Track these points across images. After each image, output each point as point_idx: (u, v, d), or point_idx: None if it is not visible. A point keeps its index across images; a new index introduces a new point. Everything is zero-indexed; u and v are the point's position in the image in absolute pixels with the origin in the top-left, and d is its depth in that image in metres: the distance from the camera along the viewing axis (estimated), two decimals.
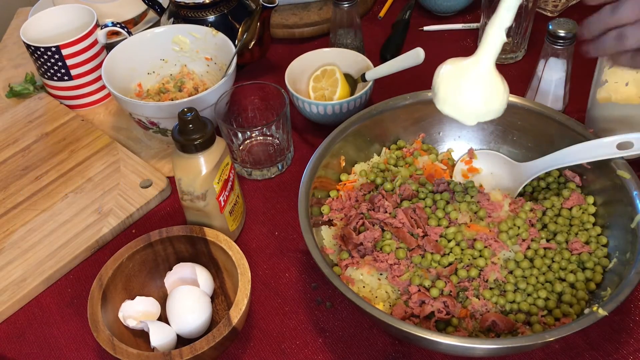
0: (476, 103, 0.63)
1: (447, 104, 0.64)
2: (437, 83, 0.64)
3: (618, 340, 0.69)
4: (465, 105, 0.63)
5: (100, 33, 1.00)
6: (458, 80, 0.63)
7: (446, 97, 0.64)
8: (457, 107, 0.64)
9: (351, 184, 0.81)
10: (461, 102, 0.63)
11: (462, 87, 0.63)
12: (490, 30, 0.61)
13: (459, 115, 0.64)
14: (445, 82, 0.63)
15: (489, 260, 0.70)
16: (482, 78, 0.62)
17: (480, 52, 0.62)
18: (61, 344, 0.74)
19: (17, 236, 0.83)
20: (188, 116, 0.69)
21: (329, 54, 0.98)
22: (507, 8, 0.60)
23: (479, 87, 0.62)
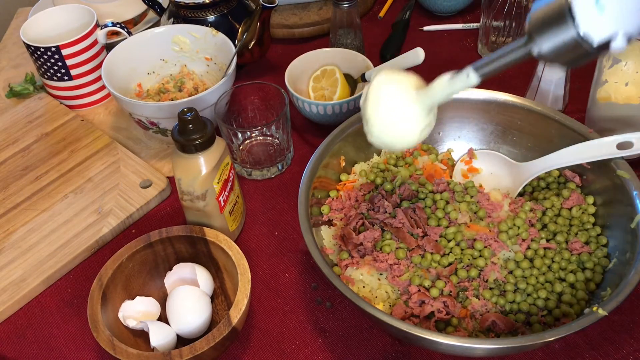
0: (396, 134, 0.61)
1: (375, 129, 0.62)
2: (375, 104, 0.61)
3: (618, 340, 0.69)
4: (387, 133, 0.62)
5: (100, 33, 1.00)
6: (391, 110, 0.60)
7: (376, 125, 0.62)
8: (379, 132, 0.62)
9: (351, 184, 0.81)
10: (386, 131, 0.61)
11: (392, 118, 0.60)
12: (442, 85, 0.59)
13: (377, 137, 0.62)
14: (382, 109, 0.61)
15: (489, 260, 0.70)
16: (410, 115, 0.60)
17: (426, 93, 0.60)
18: (61, 344, 0.74)
19: (17, 236, 0.83)
20: (188, 116, 0.69)
21: (329, 54, 0.98)
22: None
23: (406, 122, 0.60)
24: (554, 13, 0.46)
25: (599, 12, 0.44)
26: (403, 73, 0.62)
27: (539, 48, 0.48)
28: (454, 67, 1.08)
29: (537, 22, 0.47)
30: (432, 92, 0.58)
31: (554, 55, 0.47)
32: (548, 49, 0.47)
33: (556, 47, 0.47)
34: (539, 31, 0.47)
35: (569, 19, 0.45)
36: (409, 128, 0.60)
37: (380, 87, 0.60)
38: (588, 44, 0.45)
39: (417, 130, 0.60)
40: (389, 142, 0.62)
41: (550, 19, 0.46)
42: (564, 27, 0.45)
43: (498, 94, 0.81)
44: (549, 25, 0.46)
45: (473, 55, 1.07)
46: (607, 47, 0.45)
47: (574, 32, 0.45)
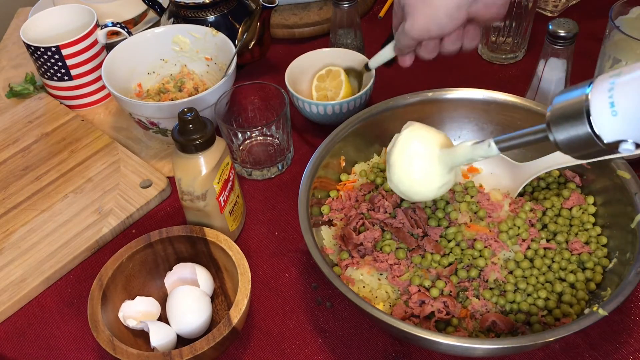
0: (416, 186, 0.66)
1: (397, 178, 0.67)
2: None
3: (618, 340, 0.69)
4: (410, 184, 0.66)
5: (100, 33, 1.00)
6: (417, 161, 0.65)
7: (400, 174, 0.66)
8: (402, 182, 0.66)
9: (351, 184, 0.81)
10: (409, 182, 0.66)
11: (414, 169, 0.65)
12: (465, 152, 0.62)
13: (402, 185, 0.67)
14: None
15: (489, 261, 0.70)
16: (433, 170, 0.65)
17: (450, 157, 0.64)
18: (61, 344, 0.74)
19: (17, 236, 0.83)
20: (188, 116, 0.69)
21: (329, 54, 0.98)
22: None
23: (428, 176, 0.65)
24: (573, 110, 0.50)
25: (612, 115, 0.47)
26: (433, 130, 0.66)
27: (555, 137, 0.52)
28: (454, 67, 1.08)
29: (557, 115, 0.51)
30: (455, 154, 0.62)
31: (567, 146, 0.51)
32: (563, 140, 0.51)
33: (570, 140, 0.51)
34: (557, 123, 0.51)
35: (585, 117, 0.48)
36: (427, 184, 0.65)
37: (409, 141, 0.65)
38: (600, 141, 0.49)
39: (435, 187, 0.65)
40: (406, 192, 0.66)
41: (569, 115, 0.50)
42: (580, 124, 0.49)
43: (498, 94, 0.81)
44: (567, 119, 0.50)
45: (473, 55, 1.07)
46: (617, 147, 0.49)
47: (588, 129, 0.49)
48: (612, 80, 0.47)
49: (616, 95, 0.47)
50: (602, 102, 0.47)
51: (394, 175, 0.66)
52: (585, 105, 0.48)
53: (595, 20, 1.06)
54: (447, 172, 0.64)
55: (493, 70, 1.04)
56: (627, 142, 0.48)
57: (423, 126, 0.67)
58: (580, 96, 0.49)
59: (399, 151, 0.65)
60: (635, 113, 0.46)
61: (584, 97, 0.49)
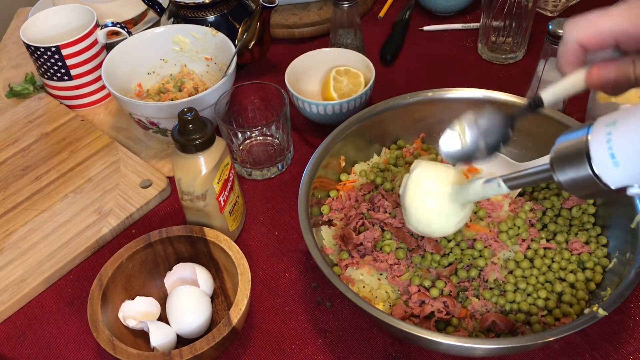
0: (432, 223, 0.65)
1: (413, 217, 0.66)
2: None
3: (618, 340, 0.69)
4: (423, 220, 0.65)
5: (100, 33, 1.00)
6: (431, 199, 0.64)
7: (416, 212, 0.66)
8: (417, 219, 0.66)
9: (351, 184, 0.81)
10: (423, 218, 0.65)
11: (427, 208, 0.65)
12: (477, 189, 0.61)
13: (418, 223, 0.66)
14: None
15: (489, 260, 0.70)
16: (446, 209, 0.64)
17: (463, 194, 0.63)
18: (61, 344, 0.74)
19: (17, 236, 0.83)
20: (188, 116, 0.69)
21: (329, 54, 0.98)
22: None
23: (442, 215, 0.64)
24: (573, 153, 0.49)
25: (614, 166, 0.47)
26: (442, 166, 0.66)
27: (558, 178, 0.51)
28: (454, 67, 1.08)
29: (559, 156, 0.51)
30: (467, 192, 0.62)
31: (573, 187, 0.50)
32: (566, 181, 0.50)
33: (574, 182, 0.50)
34: (559, 165, 0.51)
35: (586, 161, 0.48)
36: (444, 222, 0.64)
37: (420, 182, 0.65)
38: (605, 185, 0.48)
39: (452, 224, 0.64)
40: (425, 231, 0.66)
41: (569, 157, 0.50)
42: (582, 167, 0.48)
43: (498, 93, 0.81)
44: (568, 162, 0.50)
45: (473, 55, 1.07)
46: (624, 190, 0.48)
47: (590, 173, 0.48)
48: (608, 130, 0.47)
49: (615, 146, 0.46)
50: (602, 153, 0.47)
51: (412, 217, 0.65)
52: (586, 150, 0.48)
53: None
54: (461, 208, 0.63)
55: (493, 70, 1.04)
56: (634, 187, 0.48)
57: (432, 164, 0.66)
58: (580, 140, 0.49)
59: (412, 193, 0.65)
60: (637, 162, 0.46)
61: (583, 141, 0.48)
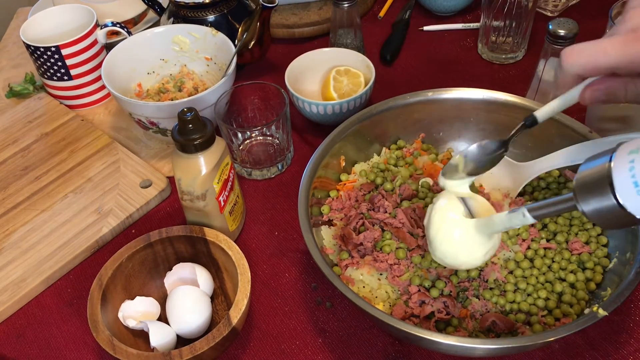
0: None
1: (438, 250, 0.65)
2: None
3: (618, 340, 0.69)
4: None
5: (100, 33, 1.00)
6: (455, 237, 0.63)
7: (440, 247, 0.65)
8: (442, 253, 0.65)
9: (351, 184, 0.81)
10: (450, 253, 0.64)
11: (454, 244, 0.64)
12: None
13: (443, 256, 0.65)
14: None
15: (489, 261, 0.70)
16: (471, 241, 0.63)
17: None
18: (61, 344, 0.74)
19: (17, 236, 0.83)
20: (188, 116, 0.69)
21: (329, 54, 0.98)
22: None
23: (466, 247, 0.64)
24: (595, 182, 0.47)
25: (638, 194, 0.44)
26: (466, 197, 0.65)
27: (582, 209, 0.49)
28: (454, 67, 1.08)
29: (581, 185, 0.49)
30: (492, 223, 0.61)
31: (597, 217, 0.48)
32: (590, 211, 0.48)
33: (599, 212, 0.48)
34: (582, 194, 0.48)
35: (609, 191, 0.46)
36: (471, 254, 0.63)
37: (445, 214, 0.63)
38: (630, 214, 0.46)
39: (479, 255, 0.63)
40: (453, 264, 0.65)
41: (592, 187, 0.47)
42: (605, 197, 0.46)
43: (498, 93, 0.81)
44: (591, 191, 0.47)
45: (473, 55, 1.07)
46: None
47: (614, 202, 0.46)
48: (631, 158, 0.45)
49: (639, 174, 0.44)
50: (625, 181, 0.45)
51: (437, 250, 0.64)
52: (609, 179, 0.46)
53: (595, 20, 1.06)
54: (487, 239, 0.62)
55: (493, 70, 1.04)
56: None
57: (454, 195, 0.65)
58: (602, 168, 0.47)
59: (437, 225, 0.64)
60: None
61: (605, 169, 0.46)
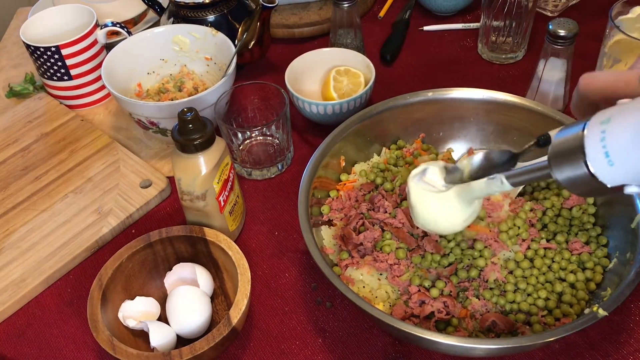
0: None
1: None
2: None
3: (618, 340, 0.69)
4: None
5: (100, 33, 1.00)
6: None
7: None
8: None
9: (351, 184, 0.81)
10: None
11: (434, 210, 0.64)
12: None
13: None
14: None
15: (489, 261, 0.70)
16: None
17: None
18: (61, 344, 0.74)
19: (17, 236, 0.83)
20: (188, 116, 0.69)
21: (329, 54, 0.98)
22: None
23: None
24: (568, 151, 0.48)
25: (609, 165, 0.45)
26: (442, 164, 0.65)
27: (556, 176, 0.50)
28: (454, 67, 1.08)
29: (555, 153, 0.49)
30: (471, 190, 0.61)
31: (570, 185, 0.49)
32: (564, 179, 0.49)
33: (571, 180, 0.49)
34: (556, 162, 0.49)
35: (581, 159, 0.47)
36: (451, 219, 0.63)
37: (420, 188, 0.64)
38: (601, 183, 0.47)
39: (459, 221, 0.63)
40: (434, 229, 0.65)
41: (565, 155, 0.48)
42: (578, 165, 0.47)
43: (498, 93, 0.81)
44: (564, 159, 0.48)
45: (473, 55, 1.07)
46: (621, 189, 0.47)
47: (586, 170, 0.47)
48: (602, 129, 0.46)
49: (609, 145, 0.45)
50: (597, 151, 0.46)
51: (418, 217, 0.65)
52: (581, 148, 0.47)
53: (595, 20, 1.06)
54: (467, 205, 0.63)
55: (493, 70, 1.04)
56: (631, 186, 0.47)
57: (434, 163, 0.66)
58: (575, 137, 0.48)
59: (415, 193, 0.64)
60: (631, 161, 0.45)
61: (579, 138, 0.47)
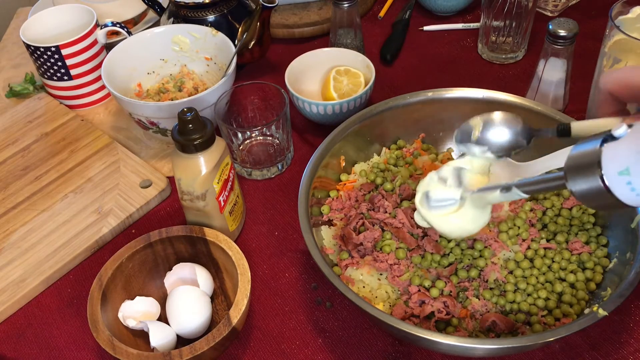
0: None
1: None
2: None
3: (618, 340, 0.69)
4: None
5: (100, 33, 1.00)
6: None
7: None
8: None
9: (351, 184, 0.81)
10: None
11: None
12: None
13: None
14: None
15: (489, 261, 0.70)
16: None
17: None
18: (61, 344, 0.74)
19: (17, 236, 0.83)
20: (188, 116, 0.69)
21: (329, 54, 0.98)
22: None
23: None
24: (585, 164, 0.48)
25: (628, 188, 0.45)
26: (434, 179, 0.65)
27: (571, 188, 0.50)
28: (454, 67, 1.08)
29: (572, 166, 0.50)
30: (485, 199, 0.62)
31: (585, 199, 0.49)
32: (578, 192, 0.49)
33: (587, 193, 0.49)
34: (572, 174, 0.50)
35: (597, 173, 0.47)
36: (464, 229, 0.64)
37: (431, 213, 0.64)
38: (617, 198, 0.47)
39: (472, 229, 0.64)
40: (448, 236, 0.66)
41: (582, 167, 0.49)
42: (593, 178, 0.47)
43: (498, 93, 0.81)
44: (580, 171, 0.49)
45: (473, 55, 1.07)
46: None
47: (601, 184, 0.47)
48: (627, 180, 0.46)
49: (635, 184, 0.45)
50: (613, 165, 0.46)
51: (451, 235, 0.65)
52: (597, 161, 0.47)
53: (595, 20, 1.06)
54: (481, 212, 0.63)
55: (493, 70, 1.04)
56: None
57: (427, 180, 0.66)
58: (593, 151, 0.48)
59: (434, 220, 0.64)
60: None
61: (596, 152, 0.47)
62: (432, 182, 0.65)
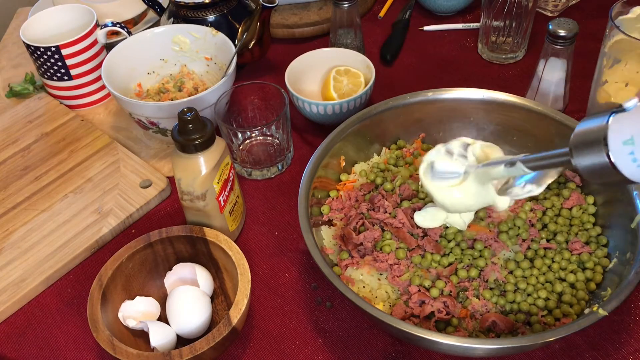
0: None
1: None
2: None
3: (618, 340, 0.69)
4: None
5: (100, 33, 1.00)
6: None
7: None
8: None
9: (351, 184, 0.81)
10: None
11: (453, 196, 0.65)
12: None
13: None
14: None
15: (489, 261, 0.70)
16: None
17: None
18: (61, 344, 0.74)
19: (17, 236, 0.83)
20: (188, 116, 0.69)
21: (329, 54, 0.98)
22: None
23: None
24: (591, 139, 0.48)
25: (633, 163, 0.46)
26: (441, 151, 0.66)
27: (577, 163, 0.50)
28: (454, 67, 1.08)
29: (577, 141, 0.50)
30: (489, 174, 0.62)
31: (589, 174, 0.49)
32: (583, 167, 0.50)
33: (591, 169, 0.49)
34: (578, 150, 0.50)
35: (603, 148, 0.47)
36: (470, 203, 0.64)
37: (434, 183, 0.65)
38: (621, 174, 0.47)
39: (474, 203, 0.64)
40: (451, 211, 0.66)
41: (587, 143, 0.49)
42: (599, 154, 0.47)
43: (498, 93, 0.81)
44: (586, 147, 0.49)
45: (473, 55, 1.07)
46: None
47: (606, 160, 0.47)
48: (630, 150, 0.46)
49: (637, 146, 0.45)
50: (624, 157, 0.46)
51: (449, 207, 0.65)
52: (604, 136, 0.47)
53: (595, 20, 1.06)
54: (484, 188, 0.63)
55: (493, 70, 1.04)
56: None
57: (435, 151, 0.66)
58: (599, 127, 0.48)
59: (435, 191, 0.65)
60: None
61: (602, 128, 0.47)
62: (438, 154, 0.65)
